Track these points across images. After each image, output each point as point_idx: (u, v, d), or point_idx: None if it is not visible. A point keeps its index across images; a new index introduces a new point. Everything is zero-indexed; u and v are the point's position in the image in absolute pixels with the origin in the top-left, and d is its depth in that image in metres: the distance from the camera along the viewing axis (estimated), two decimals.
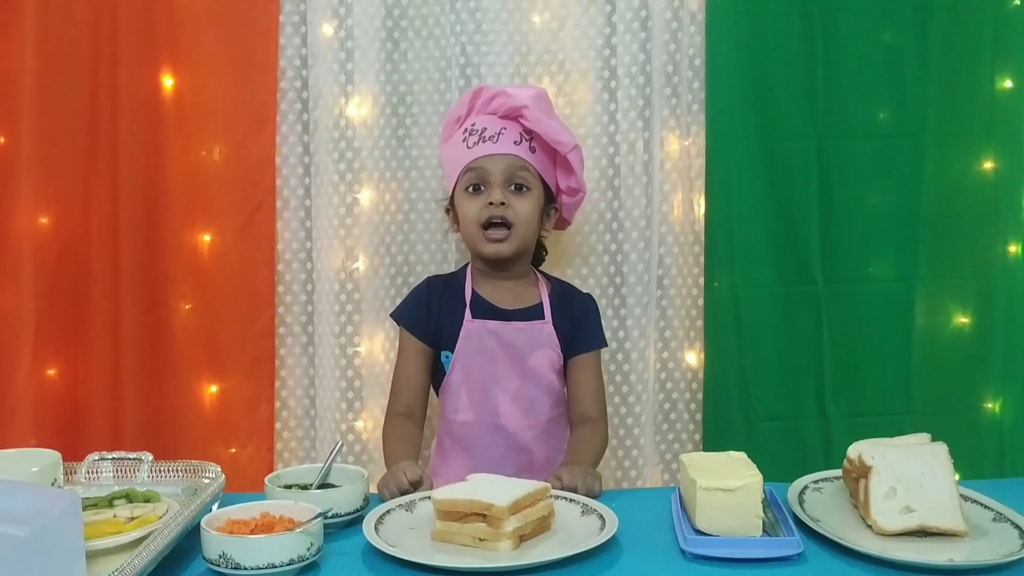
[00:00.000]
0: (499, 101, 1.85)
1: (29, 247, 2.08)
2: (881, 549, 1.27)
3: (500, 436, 1.84)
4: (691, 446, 2.21)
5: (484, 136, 1.84)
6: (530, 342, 1.85)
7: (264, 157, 2.12)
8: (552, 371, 1.87)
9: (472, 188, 1.85)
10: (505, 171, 1.83)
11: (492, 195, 1.81)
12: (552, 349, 1.86)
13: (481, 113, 1.89)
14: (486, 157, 1.83)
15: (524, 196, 1.84)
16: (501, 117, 1.85)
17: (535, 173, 1.85)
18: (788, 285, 2.19)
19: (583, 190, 1.94)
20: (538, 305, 1.88)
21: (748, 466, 1.37)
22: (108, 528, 1.29)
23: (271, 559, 1.21)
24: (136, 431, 2.11)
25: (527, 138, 1.84)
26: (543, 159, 1.87)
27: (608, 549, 1.31)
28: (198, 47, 2.11)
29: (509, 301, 1.87)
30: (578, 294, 1.98)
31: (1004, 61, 2.18)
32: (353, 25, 2.08)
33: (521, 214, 1.83)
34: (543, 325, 1.86)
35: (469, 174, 1.84)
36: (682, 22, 2.13)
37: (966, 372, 2.23)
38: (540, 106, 1.86)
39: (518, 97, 1.84)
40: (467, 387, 1.86)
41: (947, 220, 2.20)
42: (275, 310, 2.15)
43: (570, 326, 1.88)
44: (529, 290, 1.91)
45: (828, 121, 2.16)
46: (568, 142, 1.84)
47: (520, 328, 1.85)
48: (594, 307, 1.96)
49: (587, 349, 1.89)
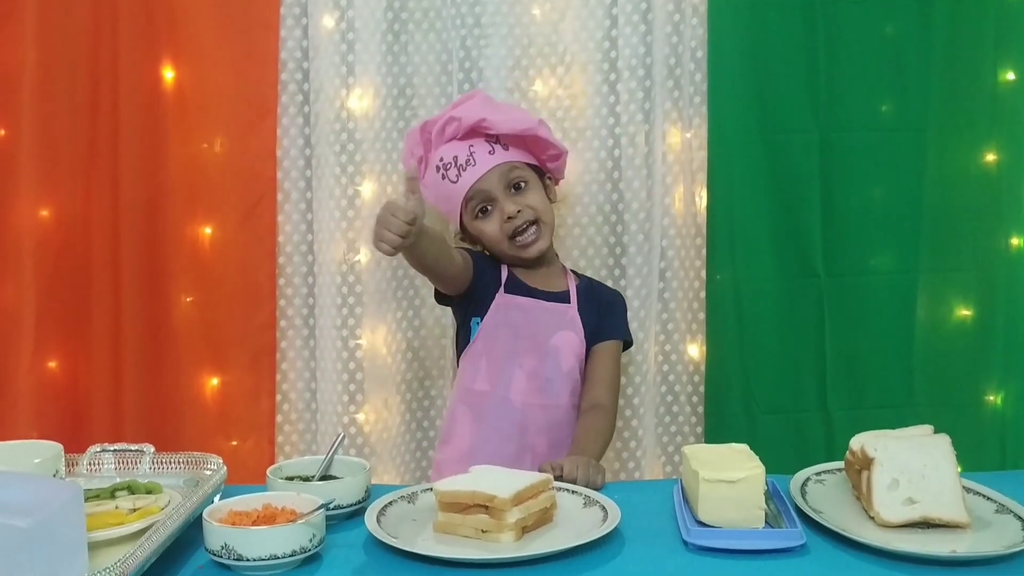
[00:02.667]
0: (452, 128, 1.89)
1: (30, 240, 2.08)
2: (884, 541, 1.27)
3: (507, 411, 1.86)
4: (693, 438, 2.21)
5: (460, 165, 1.88)
6: (554, 322, 1.89)
7: (265, 150, 2.12)
8: (573, 356, 1.89)
9: (480, 212, 1.90)
10: (500, 181, 1.88)
11: (505, 208, 1.87)
12: (575, 332, 1.90)
13: (440, 145, 1.91)
14: (478, 181, 1.87)
15: (527, 191, 1.90)
16: (461, 140, 1.89)
17: (523, 167, 1.90)
18: (790, 278, 2.19)
19: (563, 150, 1.97)
20: (565, 291, 1.94)
21: (751, 458, 1.37)
22: (110, 519, 1.29)
23: (273, 550, 1.21)
24: (137, 423, 2.11)
25: (494, 141, 1.89)
26: (518, 149, 1.91)
27: (611, 541, 1.31)
28: (199, 39, 2.11)
29: (540, 283, 1.93)
30: (607, 289, 2.04)
31: (1006, 54, 2.18)
32: (354, 17, 2.08)
33: (536, 205, 1.89)
34: (567, 308, 1.91)
35: (471, 203, 1.89)
36: (684, 14, 2.13)
37: (968, 364, 2.23)
38: (489, 108, 1.91)
39: (470, 114, 1.88)
40: (487, 357, 1.89)
41: (949, 213, 2.20)
42: (276, 303, 2.15)
43: (596, 316, 1.93)
44: (559, 278, 1.97)
45: (830, 114, 2.16)
46: (531, 122, 1.90)
47: (546, 308, 1.90)
48: (622, 303, 2.02)
49: (609, 337, 1.93)
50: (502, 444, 1.79)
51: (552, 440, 1.87)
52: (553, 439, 1.87)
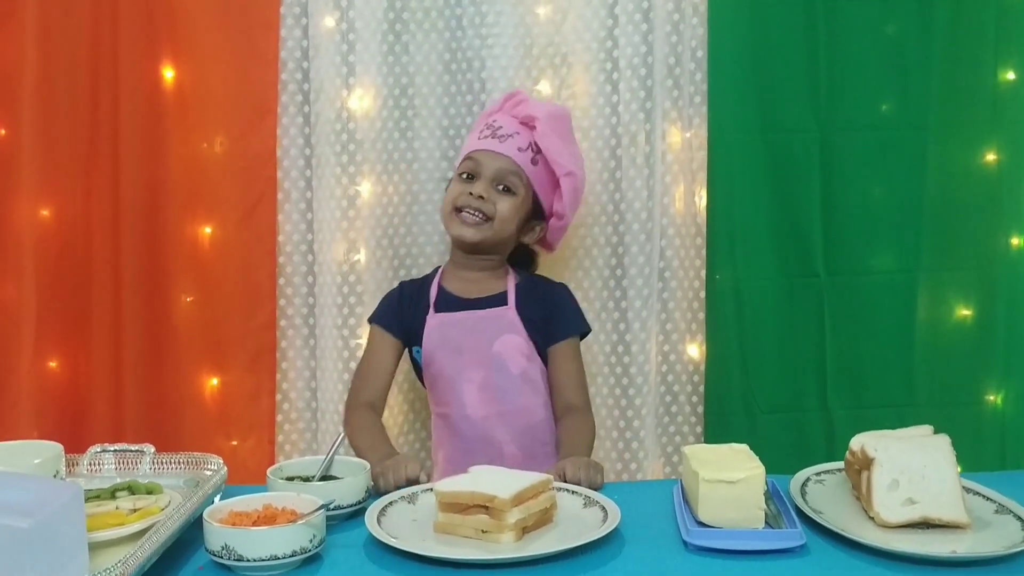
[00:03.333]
0: (521, 107, 1.90)
1: (30, 239, 2.08)
2: (884, 541, 1.27)
3: (469, 427, 1.86)
4: (693, 438, 2.21)
5: (496, 132, 1.88)
6: (493, 328, 1.87)
7: (265, 149, 2.12)
8: (521, 356, 1.87)
9: (466, 175, 1.89)
10: (497, 170, 1.86)
11: (475, 188, 1.85)
12: (517, 334, 1.87)
13: (507, 113, 1.92)
14: (486, 152, 1.87)
15: (508, 197, 1.87)
16: (521, 121, 1.89)
17: (526, 182, 1.88)
18: (790, 277, 2.19)
19: (567, 219, 1.95)
20: (502, 293, 1.91)
21: (750, 458, 1.37)
22: (110, 520, 1.29)
23: (273, 551, 1.21)
24: (137, 423, 2.11)
25: (535, 150, 1.88)
26: (543, 174, 1.89)
27: (611, 541, 1.31)
28: (199, 39, 2.11)
29: (474, 291, 1.91)
30: (550, 284, 1.99)
31: (1007, 53, 2.18)
32: (355, 17, 2.08)
33: (500, 211, 1.86)
34: (505, 311, 1.88)
35: (467, 162, 1.90)
36: (684, 13, 2.13)
37: (968, 364, 2.23)
38: (553, 124, 1.89)
39: (535, 108, 1.89)
40: (438, 380, 1.90)
41: (949, 212, 2.20)
42: (276, 302, 2.15)
43: (540, 315, 1.90)
44: (495, 281, 1.93)
45: (830, 113, 2.15)
46: (565, 166, 1.88)
47: (481, 316, 1.88)
48: (568, 295, 1.98)
49: (564, 336, 1.90)
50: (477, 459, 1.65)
51: (524, 445, 1.86)
52: (524, 444, 1.86)
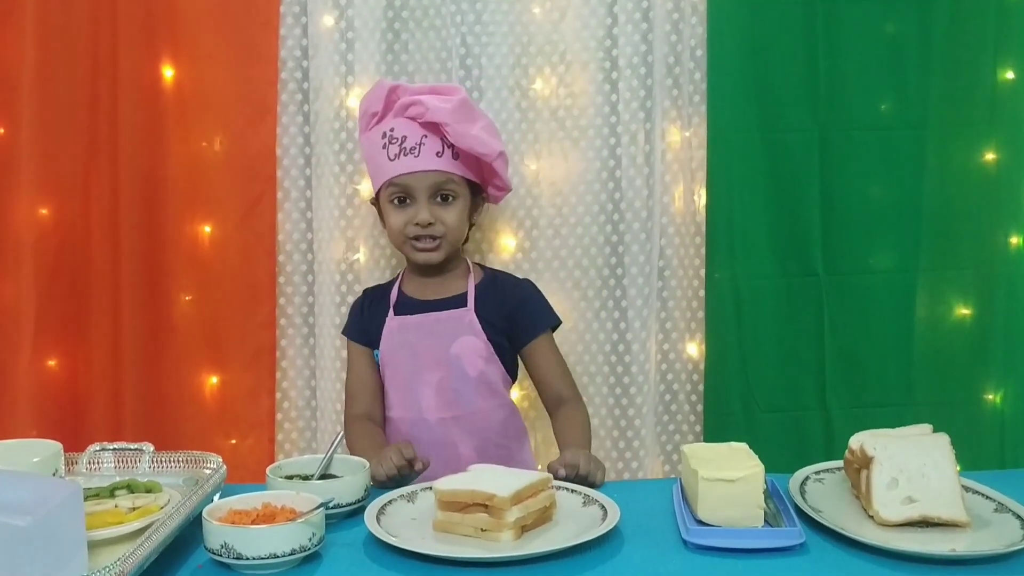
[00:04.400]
0: (416, 110, 1.81)
1: (29, 238, 2.08)
2: (883, 539, 1.27)
3: (424, 430, 1.84)
4: (692, 437, 2.21)
5: (404, 147, 1.81)
6: (450, 330, 1.85)
7: (265, 148, 2.11)
8: (479, 359, 1.84)
9: (397, 200, 1.85)
10: (430, 187, 1.83)
11: (419, 215, 1.82)
12: (475, 336, 1.84)
13: (399, 116, 1.84)
14: (409, 174, 1.82)
15: (450, 205, 1.85)
16: (421, 125, 1.81)
17: (460, 180, 1.85)
18: (789, 276, 2.19)
19: (508, 188, 1.95)
20: (462, 295, 1.88)
21: (750, 456, 1.37)
22: (110, 518, 1.29)
23: (273, 549, 1.21)
24: (137, 422, 2.11)
25: (448, 146, 1.82)
26: (467, 162, 1.85)
27: (610, 539, 1.31)
28: (198, 37, 2.11)
29: (432, 293, 1.89)
30: (512, 282, 1.96)
31: (1006, 52, 2.17)
32: (354, 15, 2.08)
33: (449, 223, 1.84)
34: (464, 312, 1.86)
35: (392, 188, 1.84)
36: (683, 12, 2.12)
37: (967, 363, 2.23)
38: (460, 116, 1.81)
39: (436, 111, 1.79)
40: (394, 383, 1.88)
41: (949, 211, 2.19)
42: (276, 301, 2.15)
43: (502, 315, 1.87)
44: (455, 281, 1.91)
45: (830, 112, 2.15)
46: (492, 151, 1.83)
47: (439, 318, 1.86)
48: (532, 291, 1.94)
49: (534, 335, 1.88)
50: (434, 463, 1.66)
51: (479, 448, 1.84)
52: (480, 447, 1.84)
